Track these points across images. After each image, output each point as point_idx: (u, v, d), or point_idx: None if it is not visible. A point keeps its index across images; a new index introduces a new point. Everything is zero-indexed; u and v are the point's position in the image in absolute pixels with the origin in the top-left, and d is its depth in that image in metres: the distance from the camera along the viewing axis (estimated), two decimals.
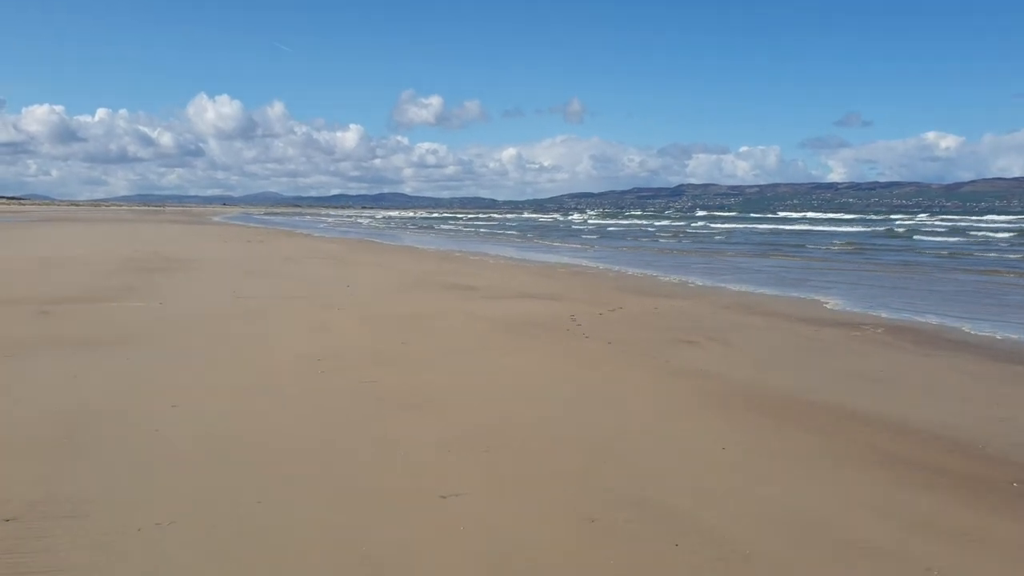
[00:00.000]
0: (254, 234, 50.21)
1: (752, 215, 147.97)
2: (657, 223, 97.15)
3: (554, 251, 37.49)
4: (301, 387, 8.02)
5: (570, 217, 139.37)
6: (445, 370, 8.97)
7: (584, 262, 28.72)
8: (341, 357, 9.54)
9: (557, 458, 5.96)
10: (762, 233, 62.80)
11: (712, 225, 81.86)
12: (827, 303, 16.27)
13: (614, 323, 12.82)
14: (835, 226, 77.21)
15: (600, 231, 69.73)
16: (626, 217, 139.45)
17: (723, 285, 20.15)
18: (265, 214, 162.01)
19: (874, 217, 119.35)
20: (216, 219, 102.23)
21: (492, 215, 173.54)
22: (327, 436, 6.41)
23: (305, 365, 9.04)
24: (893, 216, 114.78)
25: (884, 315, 14.53)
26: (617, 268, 25.51)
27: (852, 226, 77.07)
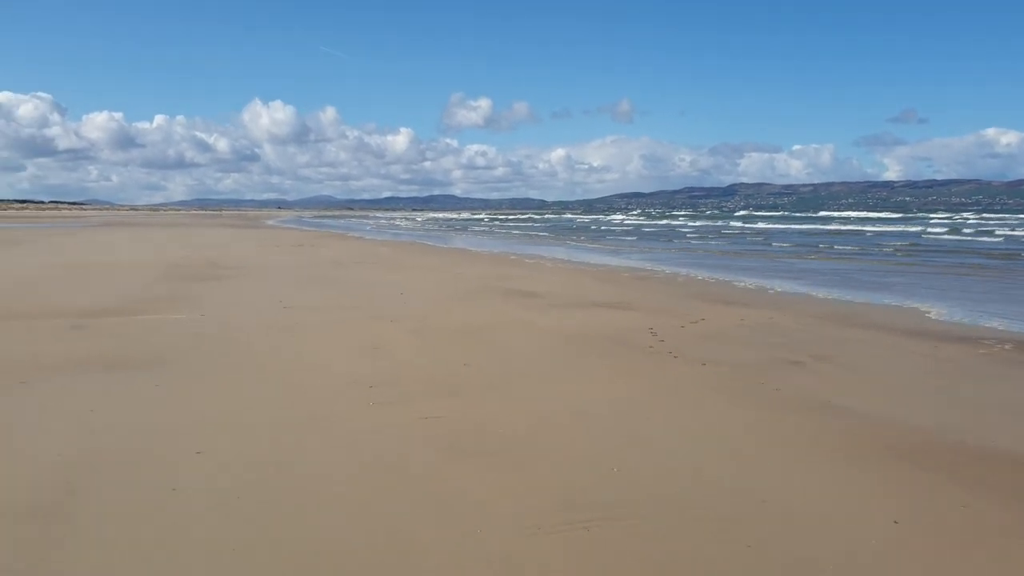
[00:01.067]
0: (305, 237, 49.52)
1: (808, 214, 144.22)
2: (713, 223, 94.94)
3: (612, 253, 36.01)
4: (350, 425, 6.77)
5: (610, 218, 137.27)
6: (517, 401, 7.65)
7: (646, 265, 27.23)
8: (396, 383, 8.27)
9: (690, 541, 4.58)
10: (816, 234, 60.49)
11: (770, 226, 79.32)
12: (928, 312, 14.64)
13: (700, 338, 11.38)
14: (889, 225, 74.46)
15: (656, 231, 67.99)
16: (673, 216, 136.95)
17: (805, 291, 18.55)
18: (314, 217, 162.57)
19: (929, 215, 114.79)
20: (270, 223, 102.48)
21: (532, 215, 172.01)
22: (380, 503, 5.12)
23: (355, 394, 7.79)
24: (940, 216, 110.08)
25: (999, 326, 12.90)
26: (684, 272, 23.99)
27: (907, 225, 74.25)
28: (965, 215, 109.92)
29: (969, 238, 48.89)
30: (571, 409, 7.36)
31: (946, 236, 50.72)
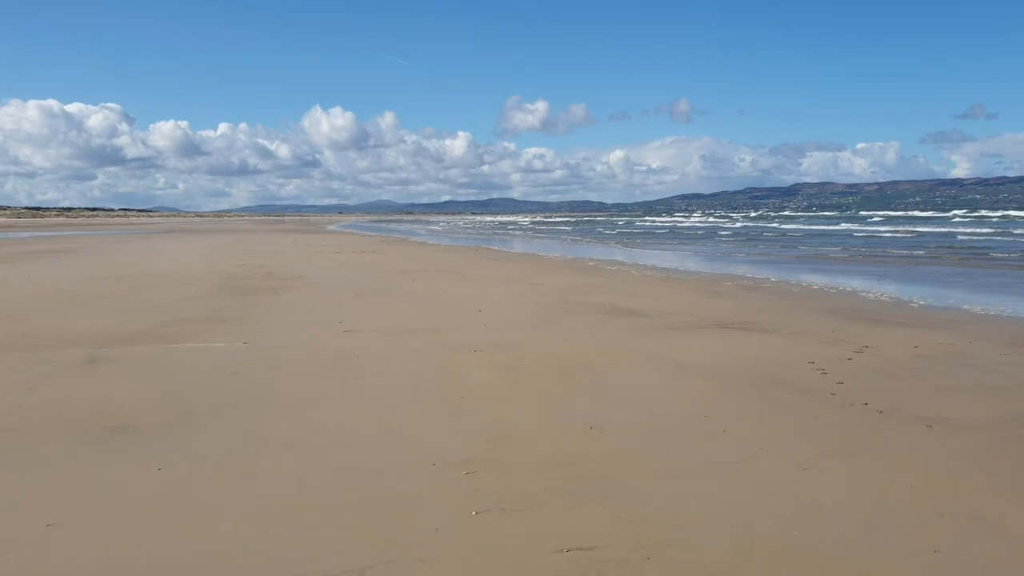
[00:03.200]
0: (367, 243, 47.50)
1: (883, 213, 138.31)
2: (795, 225, 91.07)
3: (697, 258, 33.10)
4: (443, 559, 4.20)
5: (676, 219, 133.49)
6: (689, 503, 5.02)
7: (741, 270, 24.31)
8: (502, 465, 5.72)
9: None
10: (924, 235, 56.52)
11: (884, 228, 75.13)
12: None
13: (884, 377, 8.63)
14: (974, 227, 69.92)
15: (735, 233, 64.71)
16: (750, 217, 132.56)
17: (954, 303, 15.57)
18: (374, 222, 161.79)
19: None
20: (331, 227, 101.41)
21: (591, 217, 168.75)
22: None
23: (445, 490, 5.25)
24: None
25: None
26: (791, 279, 21.07)
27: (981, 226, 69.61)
28: None
29: None
30: (789, 523, 4.69)
31: None
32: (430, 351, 10.26)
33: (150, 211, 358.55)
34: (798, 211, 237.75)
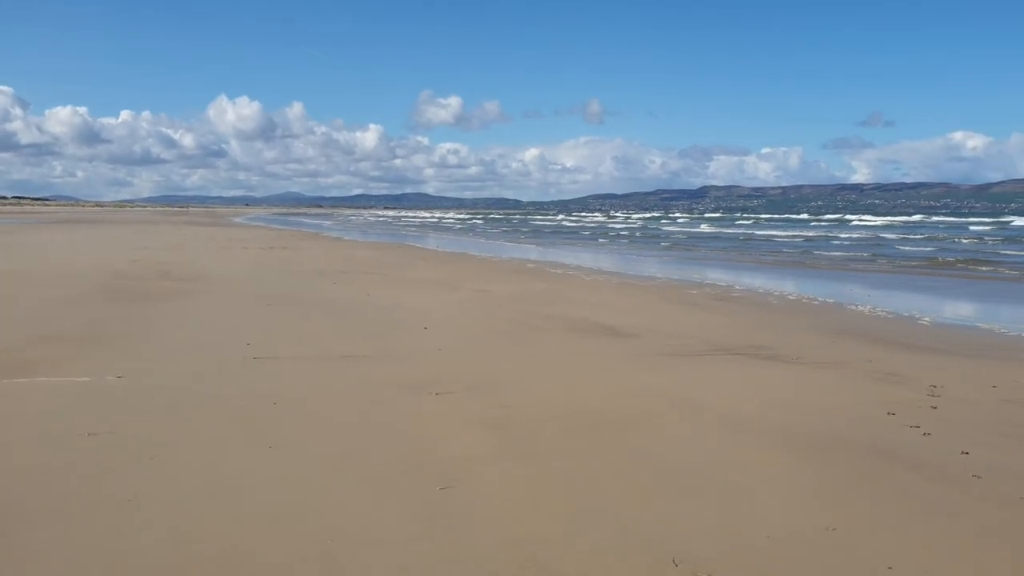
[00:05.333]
0: (277, 238, 44.01)
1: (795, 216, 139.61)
2: (718, 229, 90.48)
3: (641, 260, 30.94)
4: None
5: (595, 217, 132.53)
6: None
7: (696, 276, 22.14)
8: None
9: None
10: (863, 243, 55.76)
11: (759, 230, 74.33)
12: None
13: (1004, 439, 6.32)
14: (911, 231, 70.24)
15: (658, 235, 63.18)
16: (672, 218, 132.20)
17: (961, 322, 13.63)
18: (283, 215, 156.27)
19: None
20: (237, 220, 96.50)
21: (510, 216, 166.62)
22: None
23: None
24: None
25: None
26: (757, 285, 18.95)
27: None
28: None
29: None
30: None
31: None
32: (375, 394, 7.53)
33: (46, 199, 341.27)
34: (705, 212, 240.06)
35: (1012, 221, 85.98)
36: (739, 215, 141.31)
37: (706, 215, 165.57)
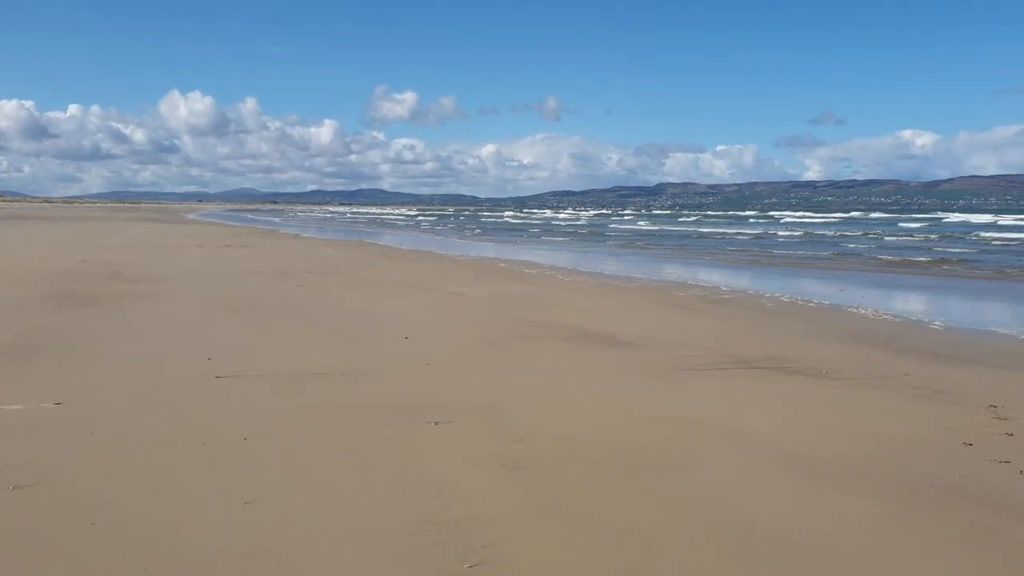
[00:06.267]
0: (233, 235, 42.42)
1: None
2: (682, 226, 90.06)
3: (612, 258, 30.00)
4: None
5: (555, 214, 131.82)
6: None
7: (678, 276, 21.26)
8: None
9: None
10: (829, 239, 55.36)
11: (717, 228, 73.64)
12: None
13: None
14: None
15: (626, 233, 62.42)
16: (621, 215, 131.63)
17: (969, 326, 12.85)
18: (237, 211, 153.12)
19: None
20: (191, 216, 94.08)
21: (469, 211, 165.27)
22: None
23: None
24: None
25: None
26: (745, 286, 18.09)
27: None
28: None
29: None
30: None
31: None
32: (364, 424, 6.41)
33: None
34: (662, 209, 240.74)
35: (956, 218, 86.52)
36: (687, 213, 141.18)
37: (654, 212, 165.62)
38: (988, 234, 48.92)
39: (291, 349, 9.43)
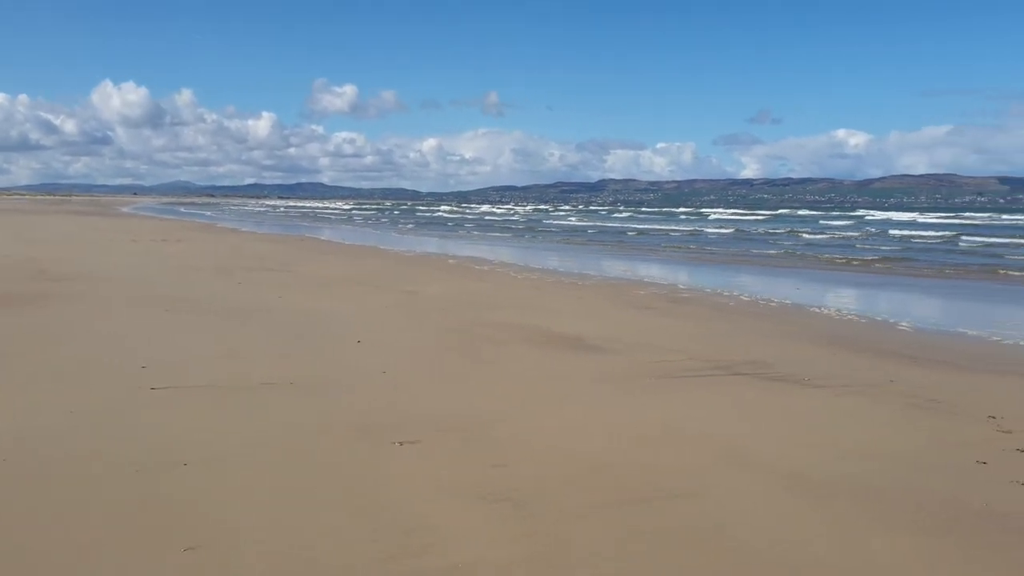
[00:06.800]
0: (169, 229, 40.94)
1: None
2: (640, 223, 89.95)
3: (562, 254, 29.49)
4: None
5: (498, 208, 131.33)
6: None
7: (631, 273, 20.80)
8: None
9: None
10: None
11: (648, 225, 73.40)
12: None
13: None
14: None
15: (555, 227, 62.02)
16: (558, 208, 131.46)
17: (936, 327, 12.58)
18: (173, 204, 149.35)
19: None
20: (125, 210, 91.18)
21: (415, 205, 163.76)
22: None
23: None
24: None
25: None
26: (703, 284, 17.68)
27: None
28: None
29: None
30: None
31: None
32: (320, 446, 5.70)
33: None
34: (606, 205, 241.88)
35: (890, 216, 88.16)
36: (622, 209, 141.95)
37: (592, 208, 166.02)
38: (909, 232, 49.51)
39: (235, 355, 8.64)
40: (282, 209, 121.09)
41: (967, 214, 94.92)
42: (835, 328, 12.07)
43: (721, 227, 58.32)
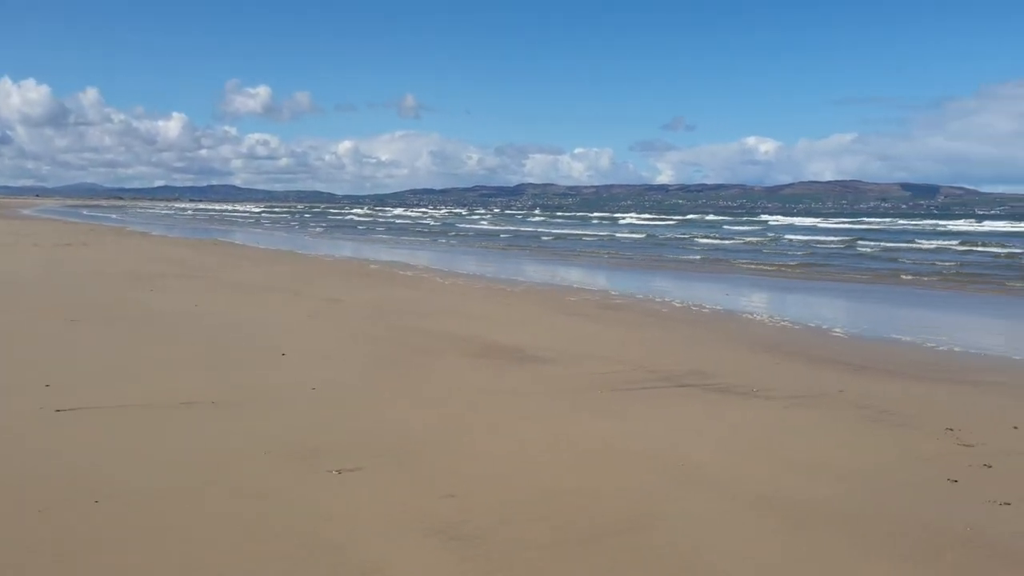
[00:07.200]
0: (74, 232, 39.15)
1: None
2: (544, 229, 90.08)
3: (486, 259, 29.13)
4: None
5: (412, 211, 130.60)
6: None
7: (557, 278, 20.56)
8: None
9: None
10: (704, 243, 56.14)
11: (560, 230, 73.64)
12: None
13: None
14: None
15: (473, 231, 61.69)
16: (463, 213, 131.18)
17: (867, 333, 12.61)
18: (78, 206, 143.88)
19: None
20: (26, 212, 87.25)
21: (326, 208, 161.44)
22: None
23: None
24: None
25: None
26: (629, 289, 17.51)
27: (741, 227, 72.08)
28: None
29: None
30: None
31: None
32: (245, 471, 5.17)
33: None
34: (524, 209, 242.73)
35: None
36: (536, 214, 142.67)
37: (507, 212, 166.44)
38: (811, 237, 50.74)
39: (150, 371, 7.98)
40: (189, 212, 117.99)
41: (867, 219, 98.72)
42: (770, 335, 11.96)
43: (633, 232, 58.80)
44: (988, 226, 72.01)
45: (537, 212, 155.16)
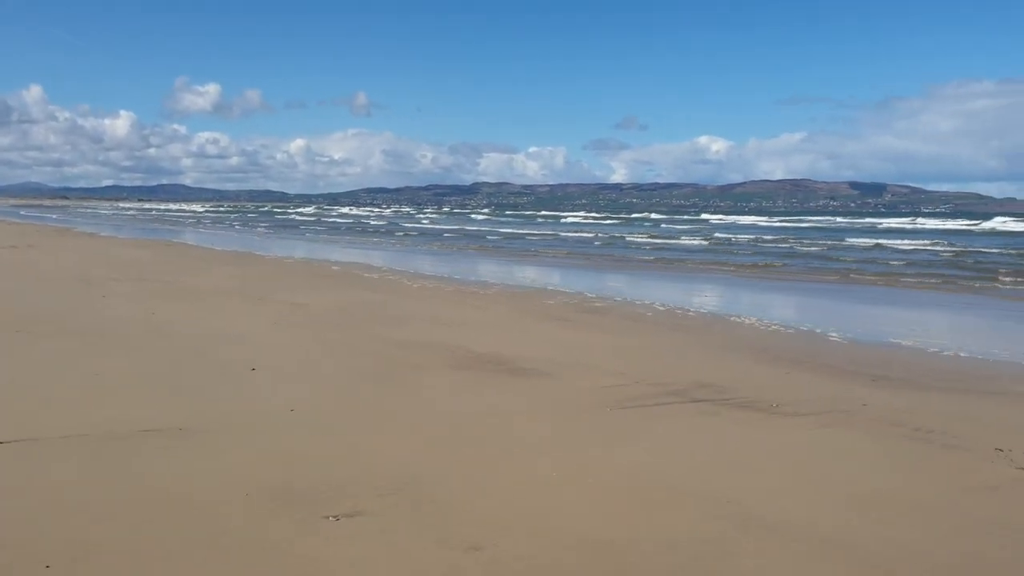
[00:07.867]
0: (18, 233, 37.56)
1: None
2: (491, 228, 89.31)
3: (452, 260, 28.33)
4: None
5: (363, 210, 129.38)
6: None
7: (531, 280, 19.88)
8: None
9: None
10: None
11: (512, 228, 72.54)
12: None
13: None
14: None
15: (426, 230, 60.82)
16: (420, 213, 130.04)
17: (862, 337, 12.11)
18: (20, 206, 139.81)
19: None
20: None
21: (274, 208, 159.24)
22: None
23: None
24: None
25: None
26: (609, 292, 16.87)
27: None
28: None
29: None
30: None
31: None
32: (225, 518, 4.38)
33: None
34: (480, 207, 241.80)
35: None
36: (482, 212, 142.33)
37: (443, 210, 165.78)
38: (755, 235, 50.91)
39: (104, 392, 7.11)
40: (131, 212, 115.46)
41: (813, 218, 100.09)
42: (767, 341, 11.38)
43: (580, 231, 58.49)
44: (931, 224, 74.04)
45: (485, 211, 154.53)
